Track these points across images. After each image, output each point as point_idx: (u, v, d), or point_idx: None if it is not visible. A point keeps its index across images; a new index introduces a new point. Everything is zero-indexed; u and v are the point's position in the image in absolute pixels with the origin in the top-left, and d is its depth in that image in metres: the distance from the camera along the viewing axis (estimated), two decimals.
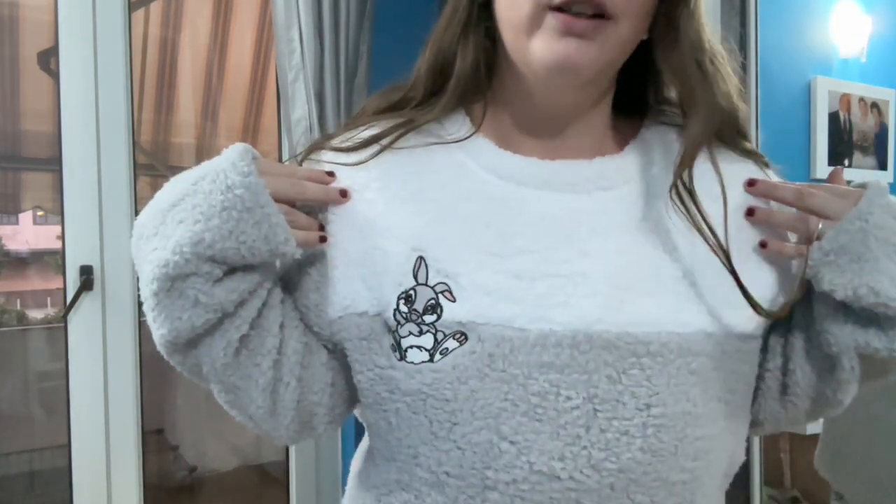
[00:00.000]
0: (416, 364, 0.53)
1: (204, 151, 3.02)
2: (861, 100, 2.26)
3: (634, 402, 0.51)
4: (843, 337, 0.54)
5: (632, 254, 0.54)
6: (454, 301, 0.53)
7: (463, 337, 0.52)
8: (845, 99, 2.22)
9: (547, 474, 0.50)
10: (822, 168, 2.17)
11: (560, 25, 0.50)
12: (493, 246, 0.54)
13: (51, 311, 3.05)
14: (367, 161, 0.58)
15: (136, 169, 1.65)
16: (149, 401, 1.69)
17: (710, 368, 0.54)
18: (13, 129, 2.41)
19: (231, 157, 0.53)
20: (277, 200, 0.52)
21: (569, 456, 0.51)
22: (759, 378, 0.60)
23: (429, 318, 0.53)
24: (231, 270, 0.52)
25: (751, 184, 0.58)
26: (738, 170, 0.60)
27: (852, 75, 2.31)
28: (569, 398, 0.51)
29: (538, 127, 0.59)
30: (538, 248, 0.54)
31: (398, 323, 0.54)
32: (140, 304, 0.57)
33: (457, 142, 0.58)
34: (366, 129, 0.60)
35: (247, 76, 2.90)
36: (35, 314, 3.15)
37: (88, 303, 1.57)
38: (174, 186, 0.54)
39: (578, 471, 0.50)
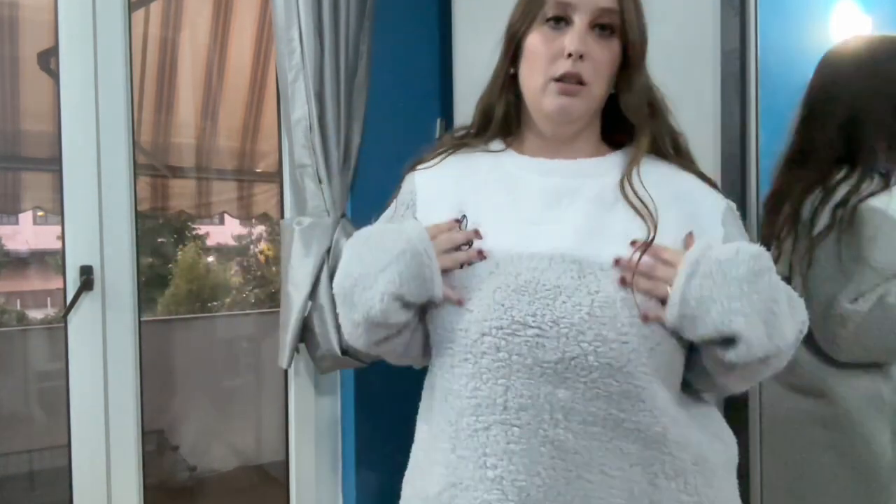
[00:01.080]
0: (453, 270, 0.86)
1: (204, 151, 3.02)
2: None
3: (587, 289, 0.80)
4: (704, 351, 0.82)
5: (592, 217, 0.86)
6: (481, 238, 0.87)
7: (483, 256, 0.86)
8: None
9: (523, 324, 0.80)
10: None
11: (558, 90, 0.86)
12: (508, 206, 0.89)
13: (51, 311, 3.05)
14: (438, 163, 0.97)
15: (136, 169, 1.65)
16: (149, 401, 1.70)
17: None
18: (13, 129, 2.41)
19: (422, 243, 0.85)
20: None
21: (539, 314, 0.80)
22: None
23: (464, 247, 0.87)
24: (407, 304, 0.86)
25: (617, 262, 0.82)
26: (681, 178, 0.90)
27: None
28: (544, 284, 0.81)
29: (546, 147, 0.92)
30: (535, 209, 0.87)
31: None
32: (140, 305, 0.58)
33: (494, 152, 0.95)
34: (439, 150, 0.99)
35: (247, 76, 2.90)
36: (35, 314, 3.15)
37: (88, 303, 1.57)
38: (378, 253, 0.86)
39: (545, 323, 0.79)
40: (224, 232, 3.91)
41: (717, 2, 1.20)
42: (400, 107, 1.72)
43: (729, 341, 0.77)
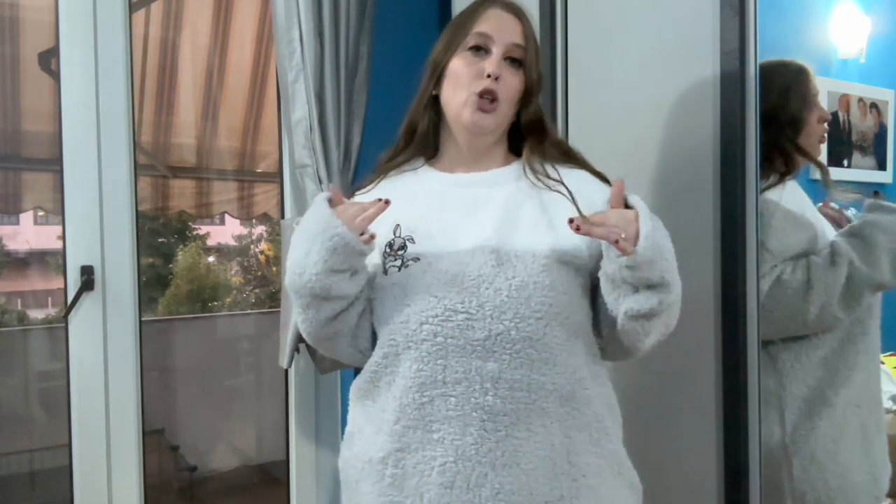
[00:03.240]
0: (391, 273, 1.02)
1: (204, 151, 3.02)
2: (860, 100, 2.26)
3: (504, 276, 0.95)
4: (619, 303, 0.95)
5: (505, 214, 1.01)
6: (414, 243, 1.02)
7: (417, 259, 1.01)
8: (844, 99, 2.22)
9: (454, 310, 0.95)
10: None
11: (477, 105, 1.03)
12: (434, 216, 1.04)
13: (51, 311, 3.05)
14: (373, 188, 1.13)
15: (137, 169, 1.66)
16: (149, 401, 1.70)
17: (554, 267, 0.97)
18: (14, 129, 2.42)
19: (332, 221, 0.97)
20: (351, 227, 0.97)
21: (467, 300, 0.95)
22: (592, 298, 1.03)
23: (400, 252, 1.02)
24: (354, 272, 1.00)
25: (571, 221, 0.91)
26: (575, 175, 1.06)
27: (851, 76, 2.31)
28: (469, 275, 0.96)
29: (462, 162, 1.09)
30: (457, 216, 1.03)
31: (385, 257, 1.03)
32: (140, 305, 0.58)
33: (415, 170, 1.12)
34: (374, 177, 1.16)
35: (247, 76, 2.90)
36: (36, 314, 3.15)
37: (89, 303, 1.58)
38: (302, 236, 1.01)
39: (473, 308, 0.94)
40: (224, 232, 3.92)
41: (717, 2, 1.20)
42: (400, 107, 1.72)
43: (656, 287, 0.91)
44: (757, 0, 1.17)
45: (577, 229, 0.90)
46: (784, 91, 1.34)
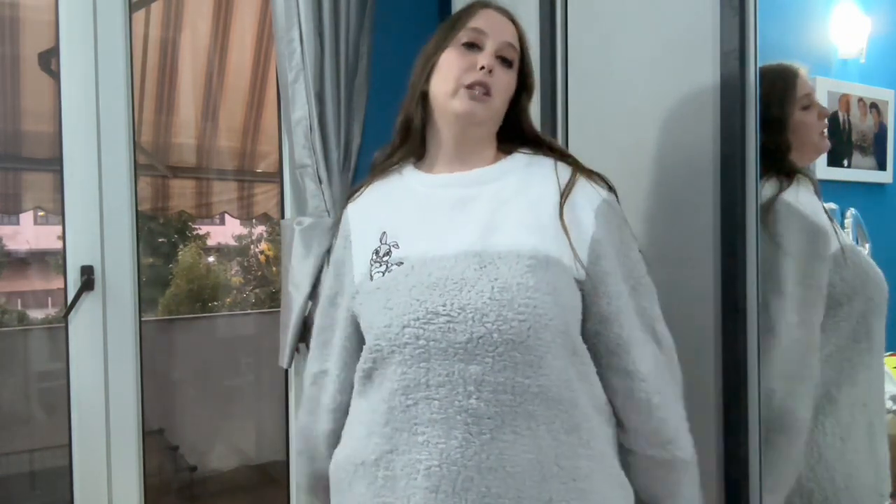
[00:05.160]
0: (375, 279, 1.02)
1: (204, 151, 3.02)
2: (860, 100, 2.26)
3: (487, 278, 0.94)
4: None
5: (490, 215, 1.00)
6: (399, 248, 1.02)
7: (400, 264, 1.00)
8: (844, 99, 2.21)
9: (435, 313, 0.93)
10: (821, 168, 2.16)
11: (468, 94, 1.00)
12: (419, 220, 1.03)
13: (51, 311, 3.05)
14: (362, 194, 1.15)
15: (137, 169, 1.65)
16: (149, 401, 1.70)
17: (538, 267, 0.95)
18: (14, 129, 2.42)
19: None
20: None
21: (449, 304, 0.93)
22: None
23: (385, 258, 1.02)
24: None
25: None
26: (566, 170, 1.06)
27: (851, 76, 2.31)
28: (451, 279, 0.95)
29: (447, 162, 1.07)
30: (442, 217, 1.02)
31: (371, 263, 1.04)
32: (140, 304, 0.59)
33: (400, 173, 1.11)
34: (365, 181, 1.17)
35: (247, 76, 2.91)
36: (36, 314, 3.15)
37: (89, 303, 1.57)
38: None
39: (454, 310, 0.93)
40: (224, 232, 3.92)
41: (717, 2, 1.20)
42: (400, 107, 1.72)
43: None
44: (757, 0, 1.17)
45: None
46: (768, 92, 1.33)
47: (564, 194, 1.00)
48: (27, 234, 2.93)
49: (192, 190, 3.13)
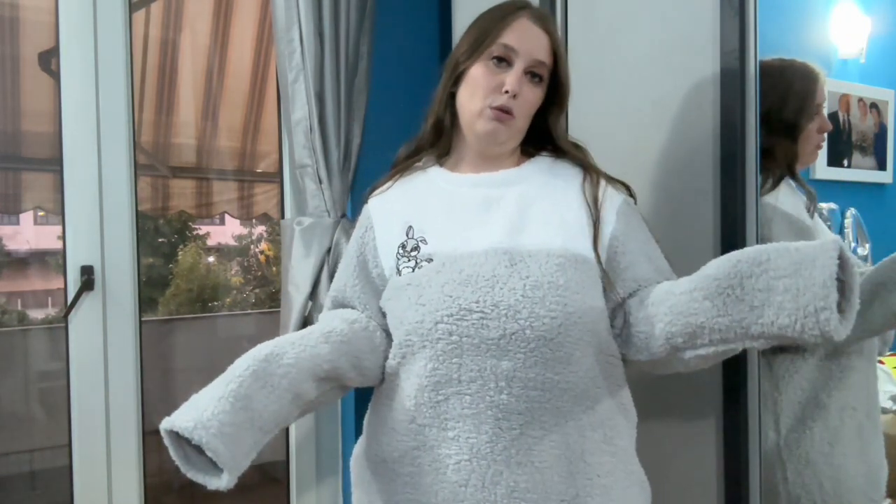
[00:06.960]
0: (405, 274, 1.04)
1: (204, 152, 3.02)
2: (860, 100, 2.26)
3: (518, 276, 0.96)
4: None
5: (516, 215, 1.02)
6: (427, 244, 1.04)
7: (430, 260, 1.02)
8: (844, 99, 2.21)
9: (469, 310, 0.95)
10: (821, 168, 2.16)
11: (493, 115, 1.02)
12: (446, 217, 1.05)
13: (51, 311, 3.05)
14: (387, 189, 1.15)
15: (137, 169, 1.66)
16: (149, 401, 1.70)
17: (568, 266, 0.97)
18: (14, 129, 2.41)
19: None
20: None
21: (482, 300, 0.95)
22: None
23: (413, 253, 1.04)
24: None
25: None
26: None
27: (851, 76, 2.31)
28: (483, 276, 0.96)
29: (473, 163, 1.10)
30: (469, 216, 1.04)
31: (398, 258, 1.06)
32: (140, 305, 0.58)
33: (425, 171, 1.13)
34: (389, 176, 1.17)
35: (247, 77, 2.90)
36: (36, 314, 3.15)
37: (89, 303, 1.58)
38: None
39: (487, 307, 0.95)
40: (224, 232, 3.92)
41: (717, 2, 1.20)
42: (400, 107, 1.73)
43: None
44: (757, 0, 1.17)
45: None
46: (784, 92, 1.32)
47: (590, 195, 1.04)
48: (27, 234, 2.93)
49: (192, 190, 3.12)
